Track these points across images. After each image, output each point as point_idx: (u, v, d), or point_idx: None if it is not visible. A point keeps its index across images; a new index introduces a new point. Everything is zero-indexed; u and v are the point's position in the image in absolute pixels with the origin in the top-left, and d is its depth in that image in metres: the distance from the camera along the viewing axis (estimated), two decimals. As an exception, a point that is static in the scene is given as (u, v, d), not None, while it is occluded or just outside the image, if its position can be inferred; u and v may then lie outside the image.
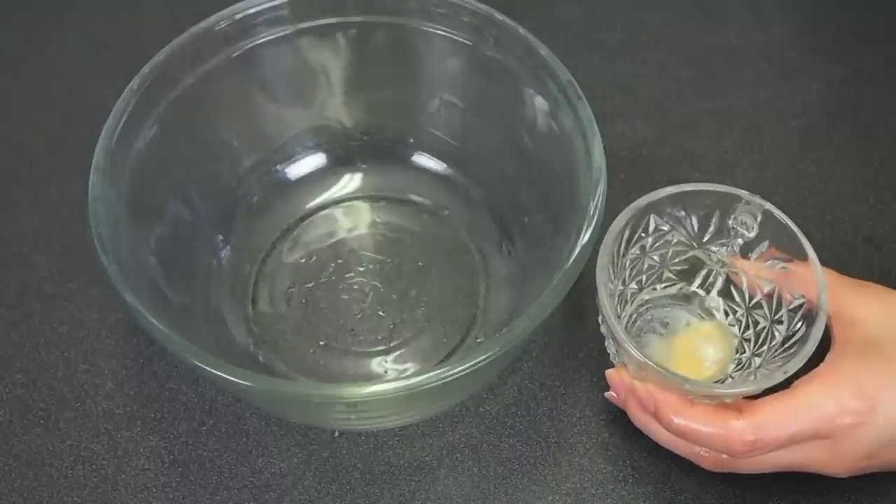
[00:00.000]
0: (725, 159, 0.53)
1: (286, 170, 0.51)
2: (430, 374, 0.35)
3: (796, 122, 0.54)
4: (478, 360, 0.35)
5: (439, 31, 0.46)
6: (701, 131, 0.54)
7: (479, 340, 0.46)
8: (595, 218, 0.38)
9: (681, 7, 0.61)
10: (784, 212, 0.42)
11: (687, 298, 0.45)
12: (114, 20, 0.60)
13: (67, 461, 0.44)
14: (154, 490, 0.43)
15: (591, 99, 0.41)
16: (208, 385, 0.46)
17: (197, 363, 0.35)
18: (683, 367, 0.40)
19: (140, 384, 0.46)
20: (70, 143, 0.54)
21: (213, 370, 0.35)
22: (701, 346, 0.43)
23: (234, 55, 0.46)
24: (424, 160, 0.51)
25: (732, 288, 0.43)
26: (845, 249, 0.49)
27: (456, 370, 0.35)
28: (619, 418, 0.44)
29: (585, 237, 0.38)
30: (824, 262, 0.49)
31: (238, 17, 0.45)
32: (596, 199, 0.38)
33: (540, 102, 0.44)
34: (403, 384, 0.35)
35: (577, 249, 0.38)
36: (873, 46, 0.55)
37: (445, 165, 0.51)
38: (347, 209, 0.51)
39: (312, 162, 0.51)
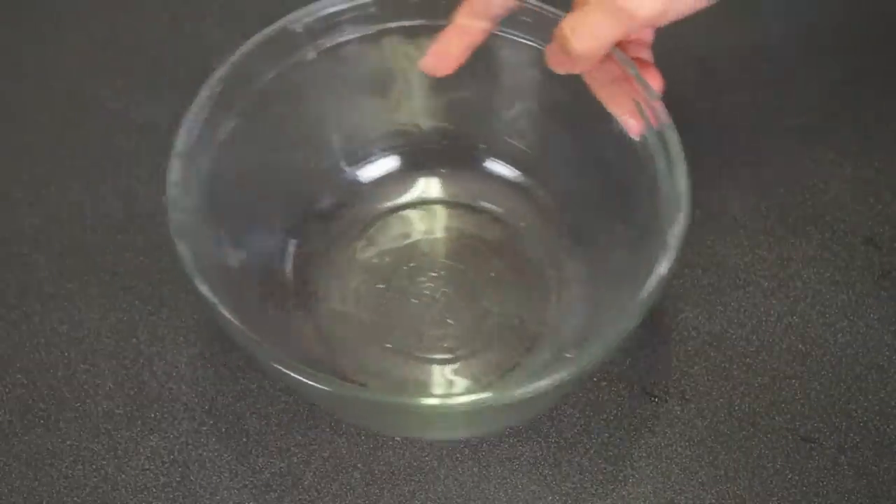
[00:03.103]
0: (726, 159, 0.53)
1: (362, 170, 0.50)
2: (500, 392, 0.35)
3: (796, 122, 0.54)
4: (541, 384, 0.35)
5: (526, 41, 0.45)
6: (701, 131, 0.54)
7: (546, 357, 0.45)
8: (675, 247, 0.37)
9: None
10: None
11: None
12: (114, 20, 0.60)
13: (67, 461, 0.44)
14: (154, 490, 0.43)
15: (591, 99, 0.41)
16: (208, 385, 0.46)
17: (274, 365, 0.35)
18: None
19: (140, 384, 0.46)
20: (70, 143, 0.54)
21: (289, 372, 0.35)
22: None
23: (319, 51, 0.45)
24: (502, 168, 0.50)
25: None
26: (845, 249, 0.49)
27: (518, 392, 0.35)
28: (618, 418, 0.44)
29: (663, 266, 0.37)
30: (823, 261, 0.49)
31: (325, 12, 0.44)
32: (677, 228, 0.38)
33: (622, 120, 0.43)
34: (475, 399, 0.35)
35: (655, 278, 0.37)
36: (873, 46, 0.55)
37: (523, 175, 0.50)
38: (424, 213, 0.50)
39: (389, 164, 0.50)
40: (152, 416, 0.45)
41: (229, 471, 0.43)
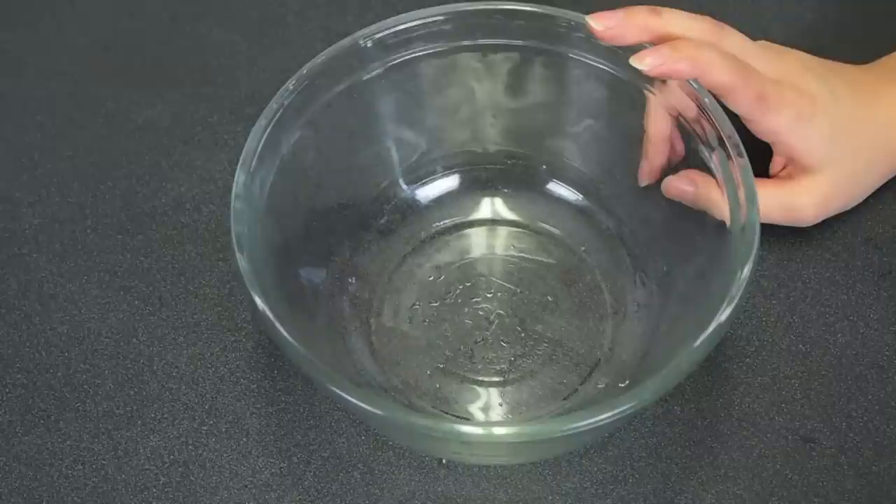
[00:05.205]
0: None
1: (424, 187, 0.50)
2: (547, 425, 0.36)
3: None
4: (597, 418, 0.35)
5: (601, 66, 0.45)
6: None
7: (599, 386, 0.44)
8: (742, 286, 0.37)
9: (681, 7, 0.60)
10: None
11: None
12: (114, 20, 0.60)
13: (67, 461, 0.44)
14: (154, 490, 0.43)
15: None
16: (208, 385, 0.46)
17: (329, 386, 0.35)
18: None
19: (140, 384, 0.46)
20: (70, 143, 0.54)
21: (342, 394, 0.35)
22: None
23: (386, 66, 0.45)
24: (565, 192, 0.49)
25: None
26: (845, 249, 0.49)
27: (572, 426, 0.35)
28: (619, 418, 0.44)
29: (728, 309, 0.36)
30: (823, 261, 0.49)
31: (396, 28, 0.44)
32: (747, 265, 0.37)
33: (697, 151, 0.43)
34: (523, 429, 0.36)
35: (722, 317, 0.36)
36: (874, 47, 0.55)
37: (587, 200, 0.49)
38: (483, 233, 0.50)
39: (450, 182, 0.50)
40: (152, 416, 0.45)
41: (229, 471, 0.43)
